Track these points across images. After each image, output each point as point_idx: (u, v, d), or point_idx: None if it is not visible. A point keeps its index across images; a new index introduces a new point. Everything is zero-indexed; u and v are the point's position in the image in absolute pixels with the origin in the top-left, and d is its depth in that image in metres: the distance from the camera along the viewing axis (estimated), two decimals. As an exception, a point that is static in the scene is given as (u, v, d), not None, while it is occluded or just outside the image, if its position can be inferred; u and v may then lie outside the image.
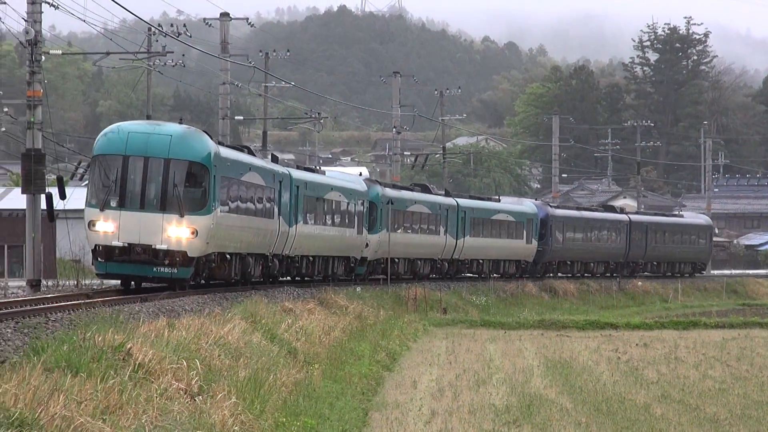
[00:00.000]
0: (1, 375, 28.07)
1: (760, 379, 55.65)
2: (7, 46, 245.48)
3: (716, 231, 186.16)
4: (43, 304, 58.02)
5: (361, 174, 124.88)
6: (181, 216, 70.07)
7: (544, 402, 46.46)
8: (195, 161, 72.89)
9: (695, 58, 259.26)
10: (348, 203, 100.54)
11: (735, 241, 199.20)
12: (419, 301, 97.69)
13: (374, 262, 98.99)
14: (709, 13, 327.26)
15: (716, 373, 57.98)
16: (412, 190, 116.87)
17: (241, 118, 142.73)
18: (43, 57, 74.62)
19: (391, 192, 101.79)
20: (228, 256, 76.98)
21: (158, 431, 27.72)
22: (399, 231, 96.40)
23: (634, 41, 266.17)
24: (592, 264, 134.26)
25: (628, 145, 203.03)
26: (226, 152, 78.26)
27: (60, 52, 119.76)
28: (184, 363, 36.81)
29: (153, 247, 69.61)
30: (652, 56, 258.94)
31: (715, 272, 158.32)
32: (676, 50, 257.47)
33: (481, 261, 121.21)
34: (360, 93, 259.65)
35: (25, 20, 69.83)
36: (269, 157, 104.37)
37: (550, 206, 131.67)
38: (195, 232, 70.31)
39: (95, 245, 72.08)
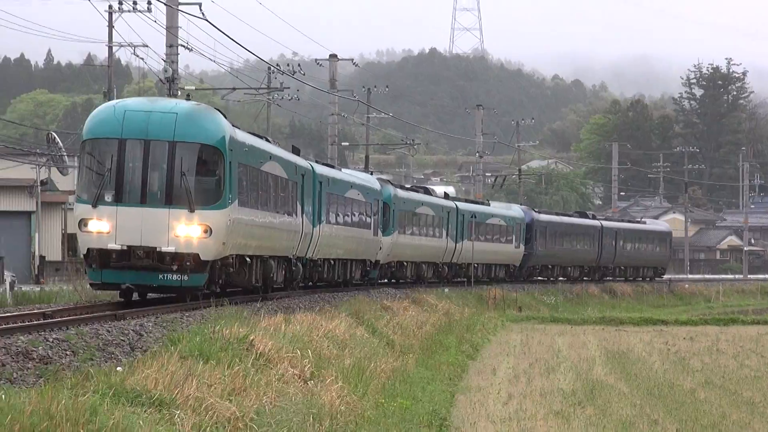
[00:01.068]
0: (144, 362, 28.16)
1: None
2: (149, 83, 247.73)
3: (752, 241, 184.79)
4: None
5: (446, 195, 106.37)
6: (191, 211, 52.64)
7: (604, 387, 46.27)
8: (208, 144, 54.79)
9: (734, 93, 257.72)
10: (366, 202, 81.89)
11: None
12: (498, 300, 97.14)
13: (385, 266, 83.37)
14: (747, 54, 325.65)
15: (752, 363, 57.65)
16: (417, 191, 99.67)
17: (347, 144, 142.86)
18: (179, 92, 73.93)
19: (401, 193, 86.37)
20: (248, 259, 59.60)
21: (276, 410, 27.72)
22: (408, 233, 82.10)
23: (682, 79, 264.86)
24: (569, 268, 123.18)
25: (676, 168, 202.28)
26: (243, 136, 59.91)
27: (194, 87, 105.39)
28: (298, 352, 36.84)
29: (158, 249, 52.11)
30: (698, 92, 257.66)
31: (751, 276, 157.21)
32: (718, 87, 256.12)
33: (476, 265, 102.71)
34: (448, 123, 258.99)
35: (164, 60, 70.03)
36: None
37: (535, 211, 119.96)
38: (208, 230, 52.89)
39: (87, 249, 54.42)
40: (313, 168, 72.27)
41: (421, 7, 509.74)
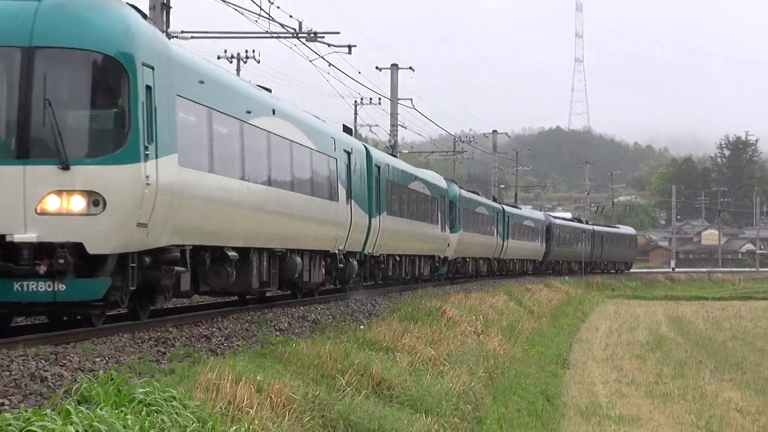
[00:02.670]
0: (377, 323, 28.20)
1: (787, 328, 54.56)
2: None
3: (762, 246, 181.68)
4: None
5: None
6: (65, 168, 19.47)
7: (667, 340, 45.83)
8: (97, 51, 20.29)
9: (750, 153, 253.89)
10: (432, 197, 55.10)
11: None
12: (600, 285, 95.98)
13: (452, 262, 61.76)
14: (760, 125, 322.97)
15: (763, 324, 56.83)
16: (477, 192, 75.47)
17: (503, 186, 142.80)
18: (397, 155, 74.16)
19: (465, 193, 65.69)
20: (229, 253, 25.27)
21: (459, 353, 27.64)
22: (470, 231, 63.12)
23: (716, 143, 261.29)
24: (572, 263, 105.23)
25: (713, 200, 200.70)
26: (182, 56, 23.60)
27: (407, 152, 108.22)
28: (473, 317, 36.77)
29: (6, 238, 19.35)
30: (726, 152, 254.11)
31: (762, 269, 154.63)
32: (739, 149, 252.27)
33: (515, 260, 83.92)
34: (567, 172, 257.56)
35: (389, 135, 69.84)
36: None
37: (551, 216, 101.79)
38: (100, 202, 19.68)
39: None
40: (368, 150, 41.43)
41: (553, 96, 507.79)
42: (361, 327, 27.03)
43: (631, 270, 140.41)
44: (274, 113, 28.31)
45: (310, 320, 27.28)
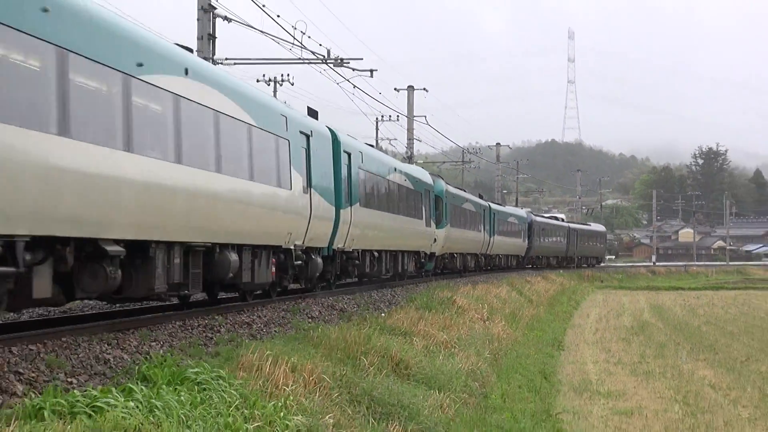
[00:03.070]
0: (396, 311, 28.22)
1: (755, 314, 54.27)
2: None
3: (731, 243, 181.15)
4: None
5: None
6: None
7: (649, 325, 45.78)
8: None
9: (720, 162, 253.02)
10: (416, 191, 45.34)
11: (740, 248, 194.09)
12: (590, 277, 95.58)
13: (439, 258, 53.78)
14: (729, 137, 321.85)
15: (732, 311, 56.66)
16: (463, 189, 66.75)
17: (506, 191, 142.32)
18: (414, 164, 73.72)
19: (452, 189, 57.33)
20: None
21: (468, 337, 27.68)
22: (457, 227, 55.60)
23: (691, 154, 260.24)
24: (551, 258, 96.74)
25: (689, 203, 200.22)
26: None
27: (422, 161, 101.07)
28: (480, 305, 36.80)
29: None
30: (700, 161, 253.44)
31: (731, 263, 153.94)
32: (711, 159, 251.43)
33: (500, 256, 74.75)
34: (561, 179, 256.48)
35: (406, 147, 69.63)
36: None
37: (533, 214, 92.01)
38: None
39: None
40: (336, 134, 31.68)
41: (549, 112, 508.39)
42: (382, 315, 27.07)
43: (617, 264, 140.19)
44: (186, 73, 19.41)
45: (337, 309, 27.34)
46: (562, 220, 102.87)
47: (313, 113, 29.71)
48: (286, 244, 25.49)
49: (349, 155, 31.70)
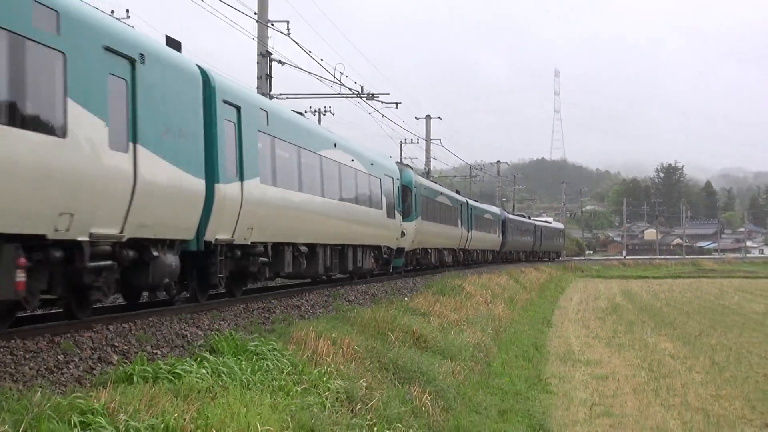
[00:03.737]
0: (416, 296, 28.14)
1: (706, 298, 53.91)
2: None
3: (686, 240, 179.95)
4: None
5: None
6: None
7: (620, 307, 45.53)
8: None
9: (678, 175, 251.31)
10: (373, 176, 30.94)
11: (694, 244, 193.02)
12: (573, 268, 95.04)
13: (410, 253, 41.36)
14: (685, 155, 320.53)
15: (688, 295, 56.33)
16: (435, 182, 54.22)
17: (505, 199, 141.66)
18: (430, 178, 73.00)
19: (423, 180, 46.39)
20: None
21: (474, 317, 27.58)
22: (431, 220, 44.60)
23: (655, 168, 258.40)
24: (521, 253, 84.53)
25: (652, 208, 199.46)
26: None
27: (437, 175, 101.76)
28: (484, 291, 36.66)
29: None
30: (662, 174, 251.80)
31: (687, 256, 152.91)
32: (670, 173, 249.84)
33: (479, 251, 62.51)
34: (549, 189, 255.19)
35: (424, 165, 69.37)
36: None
37: (506, 212, 78.93)
38: None
39: None
40: (206, 74, 17.10)
41: (539, 135, 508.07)
42: (405, 299, 27.01)
43: (595, 258, 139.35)
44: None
45: (369, 294, 27.27)
46: (523, 216, 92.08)
47: (174, 44, 16.83)
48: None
49: (238, 110, 18.44)
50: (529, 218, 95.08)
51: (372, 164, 30.88)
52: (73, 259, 12.80)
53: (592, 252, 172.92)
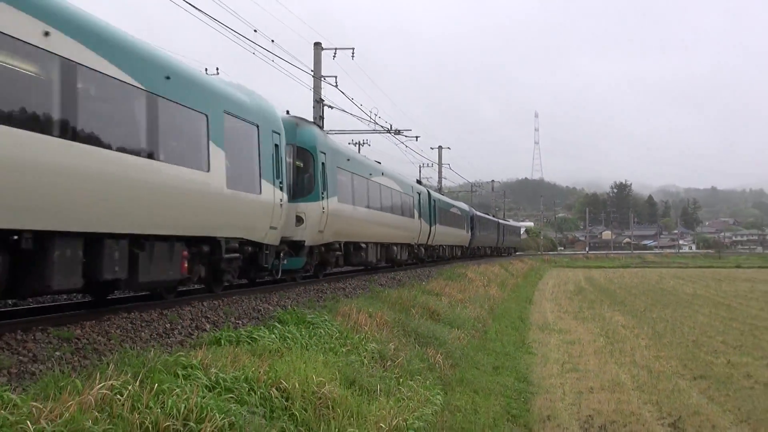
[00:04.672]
0: (431, 281, 28.03)
1: (648, 282, 53.26)
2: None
3: (633, 239, 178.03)
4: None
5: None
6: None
7: (584, 290, 45.03)
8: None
9: (627, 191, 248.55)
10: (208, 119, 11.50)
11: (639, 242, 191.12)
12: (548, 260, 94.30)
13: (321, 249, 18.76)
14: (632, 175, 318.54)
15: (635, 281, 55.62)
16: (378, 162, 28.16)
17: (498, 208, 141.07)
18: (442, 190, 72.37)
19: (344, 149, 21.51)
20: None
21: (474, 297, 27.43)
22: (365, 206, 21.99)
23: (610, 185, 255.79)
24: (487, 248, 69.59)
25: (608, 216, 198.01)
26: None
27: (447, 190, 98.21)
28: (482, 277, 36.42)
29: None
30: (615, 190, 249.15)
31: (635, 251, 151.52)
32: (621, 189, 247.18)
33: (444, 246, 43.86)
34: (530, 201, 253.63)
35: (437, 183, 68.94)
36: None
37: (473, 209, 61.77)
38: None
39: None
40: None
41: (522, 160, 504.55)
42: (422, 283, 26.91)
43: (565, 252, 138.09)
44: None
45: (396, 279, 27.20)
46: (488, 213, 79.15)
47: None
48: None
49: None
50: (494, 216, 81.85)
51: (253, 111, 26.41)
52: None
53: (563, 248, 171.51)
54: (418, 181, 37.97)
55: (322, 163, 19.33)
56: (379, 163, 28.38)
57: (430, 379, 12.80)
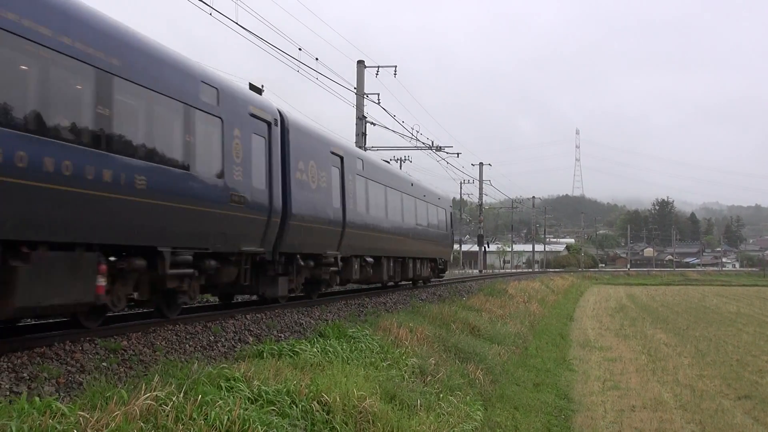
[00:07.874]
0: (471, 297, 27.81)
1: (691, 300, 52.25)
2: (472, 208, 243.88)
3: (676, 257, 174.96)
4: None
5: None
6: None
7: (625, 307, 44.35)
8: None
9: (669, 208, 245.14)
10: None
11: (682, 260, 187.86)
12: (590, 277, 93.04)
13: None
14: (674, 193, 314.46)
15: (677, 299, 54.64)
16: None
17: (539, 225, 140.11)
18: (479, 211, 72.63)
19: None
20: None
21: (514, 312, 27.18)
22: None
23: (652, 203, 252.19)
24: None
25: (650, 233, 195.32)
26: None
27: (487, 207, 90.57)
28: (522, 293, 36.12)
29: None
30: (656, 207, 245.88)
31: (677, 269, 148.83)
32: (663, 206, 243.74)
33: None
34: (571, 218, 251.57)
35: (478, 199, 68.77)
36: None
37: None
38: None
39: None
40: None
41: (564, 177, 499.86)
42: (463, 298, 26.74)
43: (606, 270, 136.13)
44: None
45: (437, 295, 27.08)
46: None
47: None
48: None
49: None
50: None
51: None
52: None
53: (604, 265, 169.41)
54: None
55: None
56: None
57: (470, 395, 12.65)
